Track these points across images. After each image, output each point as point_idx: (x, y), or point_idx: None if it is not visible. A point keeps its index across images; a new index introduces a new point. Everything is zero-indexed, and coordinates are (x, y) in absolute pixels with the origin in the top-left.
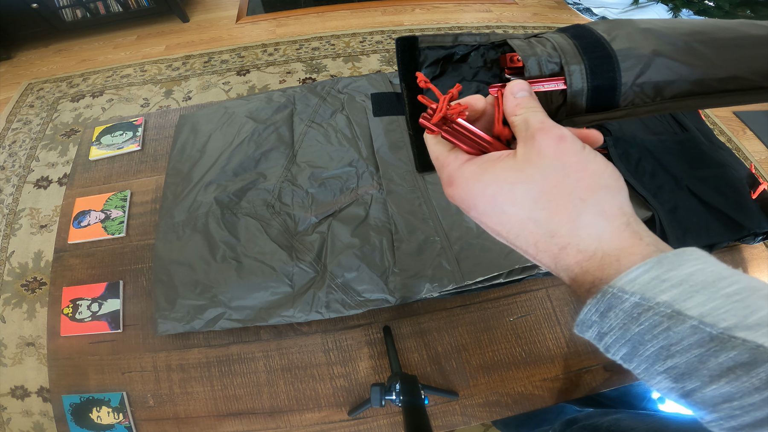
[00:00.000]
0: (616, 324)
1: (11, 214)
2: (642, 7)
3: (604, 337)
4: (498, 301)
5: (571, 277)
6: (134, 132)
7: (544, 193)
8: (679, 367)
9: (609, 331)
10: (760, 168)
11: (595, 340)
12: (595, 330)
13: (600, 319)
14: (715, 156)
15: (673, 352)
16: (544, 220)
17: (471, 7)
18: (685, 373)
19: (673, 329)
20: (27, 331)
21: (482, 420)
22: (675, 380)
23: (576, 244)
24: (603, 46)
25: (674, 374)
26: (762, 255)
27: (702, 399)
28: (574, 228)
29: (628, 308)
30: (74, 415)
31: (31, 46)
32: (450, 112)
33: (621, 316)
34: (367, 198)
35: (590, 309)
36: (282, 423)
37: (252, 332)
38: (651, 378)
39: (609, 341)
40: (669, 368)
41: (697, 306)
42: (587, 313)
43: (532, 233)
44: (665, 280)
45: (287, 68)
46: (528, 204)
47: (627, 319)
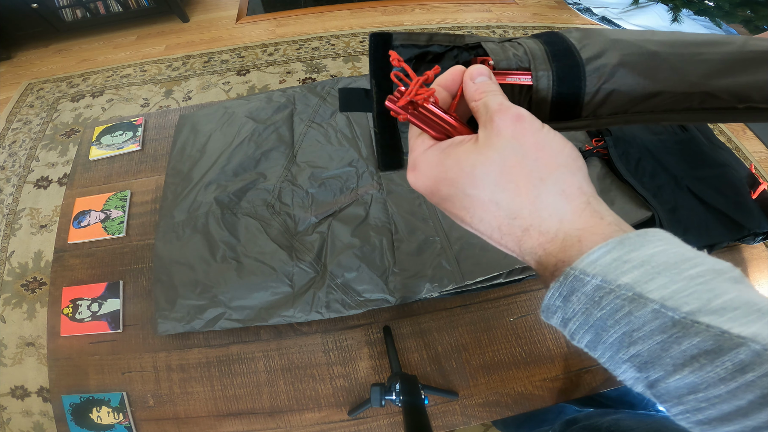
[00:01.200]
0: (578, 309)
1: (11, 214)
2: (642, 7)
3: (568, 323)
4: (498, 301)
5: (536, 261)
6: (134, 132)
7: (504, 174)
8: (642, 355)
9: (572, 317)
10: (760, 168)
11: (560, 326)
12: (559, 316)
13: (563, 303)
14: (715, 156)
15: (636, 339)
16: (506, 201)
17: (471, 7)
18: (648, 361)
19: (634, 313)
20: (27, 331)
21: (482, 420)
22: (639, 369)
23: (538, 226)
24: (572, 54)
25: (638, 363)
26: (762, 255)
27: (666, 390)
28: (535, 209)
29: (590, 291)
30: (74, 415)
31: (31, 46)
32: (418, 96)
33: (583, 300)
34: (367, 198)
35: (553, 293)
36: (282, 423)
37: (252, 332)
38: (616, 367)
39: (573, 327)
40: (632, 356)
41: (658, 288)
42: (551, 298)
43: (495, 216)
44: (626, 261)
45: (287, 68)
46: (489, 186)
47: (589, 303)
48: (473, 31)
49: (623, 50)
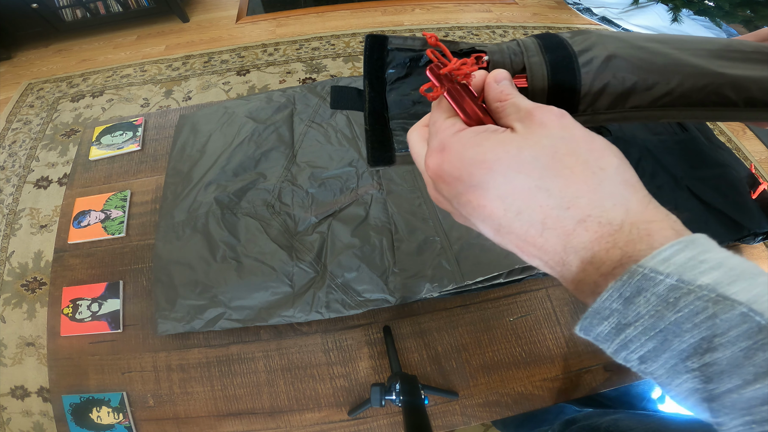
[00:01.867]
0: (645, 311)
1: (11, 214)
2: (642, 7)
3: (624, 330)
4: (498, 301)
5: (586, 259)
6: (134, 132)
7: (557, 160)
8: (719, 364)
9: (635, 321)
10: (760, 168)
11: (608, 335)
12: (612, 321)
13: (624, 306)
14: (715, 156)
15: (716, 345)
16: (558, 188)
17: (471, 7)
18: (725, 370)
19: (720, 316)
20: (27, 331)
21: (482, 420)
22: (708, 380)
23: (598, 216)
24: (564, 46)
25: (710, 372)
26: (762, 255)
27: (735, 401)
28: (596, 198)
29: (662, 292)
30: (74, 415)
31: (31, 46)
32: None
33: (653, 301)
34: (367, 198)
35: (612, 294)
36: (282, 423)
37: (252, 332)
38: (674, 378)
39: (631, 335)
40: (705, 365)
41: (742, 291)
42: (606, 300)
43: (541, 206)
44: (703, 261)
45: (287, 68)
46: (538, 170)
47: (661, 304)
48: (473, 31)
49: (613, 43)
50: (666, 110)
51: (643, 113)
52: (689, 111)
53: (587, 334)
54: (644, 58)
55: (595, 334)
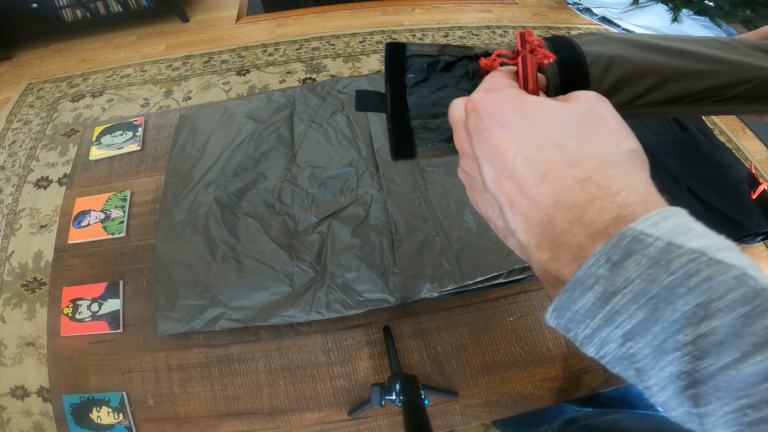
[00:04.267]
0: (636, 275)
1: (11, 214)
2: (642, 7)
3: (611, 299)
4: (498, 301)
5: (576, 217)
6: (134, 132)
7: (582, 126)
8: (717, 333)
9: (624, 288)
10: (760, 168)
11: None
12: (598, 291)
13: (611, 272)
14: (715, 156)
15: (713, 311)
16: (572, 146)
17: (471, 7)
18: (723, 341)
19: (715, 278)
20: (27, 331)
21: (482, 420)
22: (701, 355)
23: (598, 179)
24: (573, 46)
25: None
26: (762, 255)
27: (730, 381)
28: (602, 165)
29: (654, 253)
30: (74, 415)
31: (31, 46)
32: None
33: (644, 264)
34: (367, 198)
35: (599, 258)
36: (282, 423)
37: (252, 332)
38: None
39: (620, 303)
40: (702, 335)
41: (733, 257)
42: (593, 266)
43: (549, 158)
44: (692, 229)
45: (287, 68)
46: (560, 129)
47: (653, 267)
48: (473, 31)
49: (618, 44)
50: (672, 106)
51: (651, 110)
52: (696, 106)
53: (561, 315)
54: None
55: (572, 312)
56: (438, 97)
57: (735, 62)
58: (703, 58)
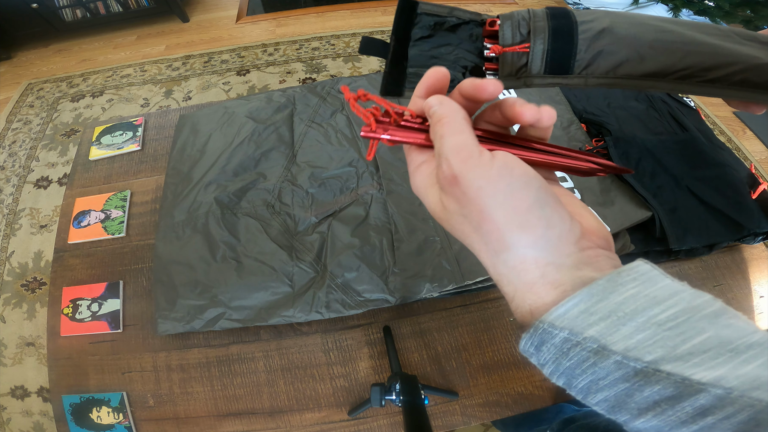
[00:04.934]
0: (549, 358)
1: (11, 214)
2: (642, 7)
3: (543, 367)
4: (498, 301)
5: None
6: (134, 132)
7: (466, 237)
8: (609, 400)
9: (545, 363)
10: (760, 168)
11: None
12: (534, 360)
13: (536, 351)
14: (715, 156)
15: (602, 386)
16: (476, 252)
17: (471, 7)
18: (615, 405)
19: (599, 365)
20: (27, 331)
21: (482, 420)
22: (608, 412)
23: (501, 286)
24: (569, 15)
25: (606, 406)
26: (762, 255)
27: (636, 429)
28: (495, 272)
29: (558, 343)
30: (74, 415)
31: (31, 46)
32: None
33: (552, 350)
34: (367, 198)
35: (526, 342)
36: (282, 423)
37: (252, 332)
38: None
39: (548, 371)
40: (600, 401)
41: (623, 339)
42: (524, 345)
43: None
44: (593, 313)
45: (287, 68)
46: (461, 237)
47: (558, 353)
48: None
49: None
50: (655, 81)
51: (633, 82)
52: (675, 84)
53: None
54: (638, 33)
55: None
56: (438, 53)
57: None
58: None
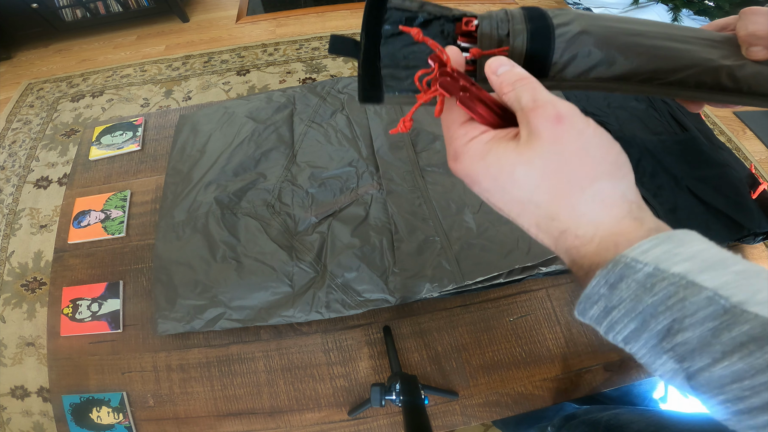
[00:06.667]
0: (627, 295)
1: (11, 214)
2: (642, 7)
3: (611, 312)
4: (498, 301)
5: (571, 260)
6: (134, 132)
7: (545, 178)
8: (690, 343)
9: (618, 305)
10: (760, 168)
11: (598, 318)
12: (601, 305)
13: (609, 291)
14: (715, 156)
15: (686, 326)
16: (545, 204)
17: (471, 7)
18: (696, 348)
19: (688, 299)
20: (27, 331)
21: (482, 420)
22: (682, 359)
23: (575, 230)
24: (545, 18)
25: (683, 351)
26: (762, 255)
27: (709, 380)
28: (573, 214)
29: (641, 278)
30: (74, 415)
31: (31, 46)
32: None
33: (633, 286)
34: (367, 198)
35: (599, 281)
36: (282, 423)
37: (252, 332)
38: (655, 358)
39: (616, 316)
40: (678, 344)
41: (710, 279)
42: (595, 286)
43: (533, 214)
44: (677, 254)
45: (287, 68)
46: (529, 187)
47: (640, 289)
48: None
49: (587, 21)
50: (621, 84)
51: (602, 84)
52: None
53: (583, 317)
54: (610, 36)
55: (588, 316)
56: (410, 51)
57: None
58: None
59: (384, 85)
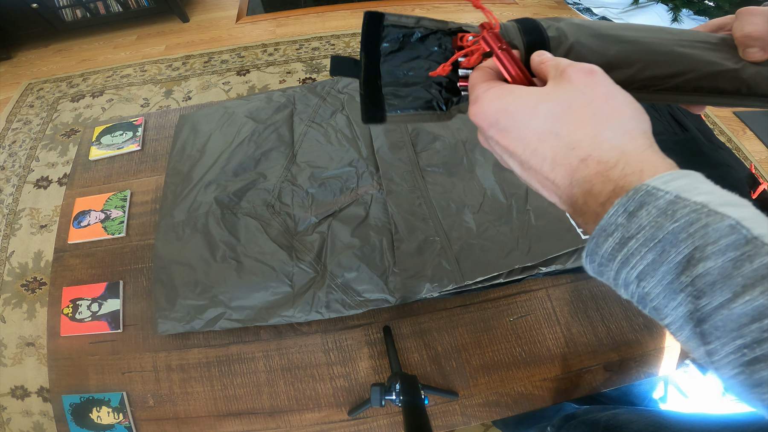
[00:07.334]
0: (647, 222)
1: (11, 214)
2: (642, 7)
3: (627, 243)
4: (498, 301)
5: (587, 190)
6: (134, 132)
7: (568, 111)
8: (711, 274)
9: (637, 233)
10: (760, 168)
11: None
12: (617, 236)
13: (627, 220)
14: (715, 156)
15: (708, 254)
16: (566, 133)
17: (471, 7)
18: (716, 281)
19: (711, 226)
20: (27, 331)
21: (482, 420)
22: (700, 294)
23: (597, 156)
24: (540, 31)
25: (702, 284)
26: None
27: (726, 320)
28: (596, 141)
29: (662, 205)
30: (74, 415)
31: (31, 46)
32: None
33: (654, 213)
34: (367, 198)
35: (617, 209)
36: (282, 423)
37: (252, 332)
38: (669, 299)
39: (633, 246)
40: (699, 276)
41: (732, 211)
42: (612, 216)
43: (552, 146)
44: (697, 188)
45: (287, 68)
46: (550, 120)
47: (661, 216)
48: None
49: (579, 30)
50: None
51: None
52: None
53: (592, 260)
54: (602, 46)
55: (600, 255)
56: (410, 67)
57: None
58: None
59: (386, 104)
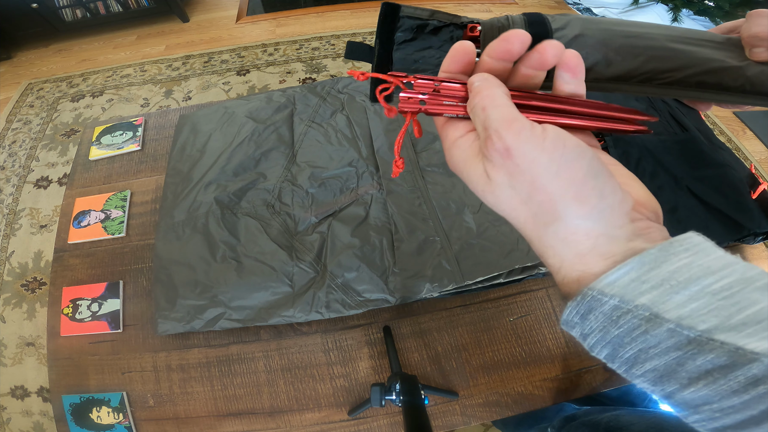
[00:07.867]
0: (596, 326)
1: (11, 214)
2: (642, 7)
3: (587, 338)
4: (498, 301)
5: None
6: (134, 132)
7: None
8: (657, 370)
9: (590, 333)
10: (760, 168)
11: (579, 339)
12: (578, 330)
13: (581, 320)
14: (715, 156)
15: (651, 355)
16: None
17: (471, 7)
18: (663, 375)
19: (650, 332)
20: (27, 331)
21: (482, 420)
22: (654, 383)
23: (546, 258)
24: (545, 23)
25: (653, 377)
26: (762, 255)
27: (683, 400)
28: (541, 245)
29: (607, 311)
30: (74, 415)
31: (31, 46)
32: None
33: (601, 318)
34: (367, 198)
35: (571, 311)
36: (282, 423)
37: (252, 332)
38: (633, 379)
39: (591, 342)
40: (648, 371)
41: (676, 307)
42: (569, 315)
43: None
44: (645, 282)
45: (287, 68)
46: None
47: (606, 321)
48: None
49: (584, 24)
50: (621, 84)
51: (600, 85)
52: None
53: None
54: (606, 38)
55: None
56: (421, 56)
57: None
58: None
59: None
